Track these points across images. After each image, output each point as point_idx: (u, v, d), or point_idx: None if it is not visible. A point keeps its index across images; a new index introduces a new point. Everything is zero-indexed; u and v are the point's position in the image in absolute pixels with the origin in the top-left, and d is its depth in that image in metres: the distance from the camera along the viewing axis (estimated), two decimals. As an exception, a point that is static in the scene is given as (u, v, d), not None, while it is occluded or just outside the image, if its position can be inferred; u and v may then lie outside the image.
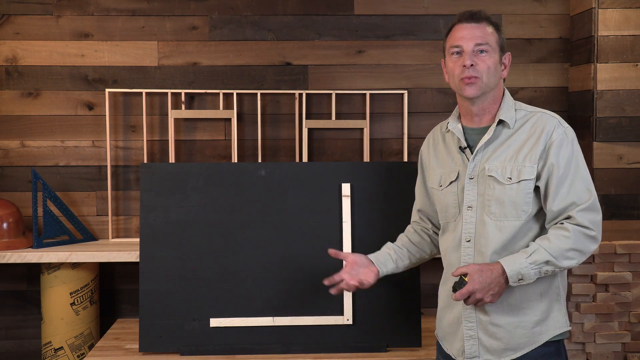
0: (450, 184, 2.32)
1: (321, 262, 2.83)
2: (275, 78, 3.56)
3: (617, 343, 3.09)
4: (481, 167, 2.25)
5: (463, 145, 2.30)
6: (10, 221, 3.32)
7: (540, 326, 2.21)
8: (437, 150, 2.41)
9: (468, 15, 2.24)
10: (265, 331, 2.89)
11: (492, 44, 2.22)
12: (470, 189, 2.26)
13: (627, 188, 3.35)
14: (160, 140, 3.56)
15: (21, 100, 3.52)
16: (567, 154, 2.19)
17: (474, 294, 2.13)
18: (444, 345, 2.38)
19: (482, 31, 2.22)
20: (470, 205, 2.26)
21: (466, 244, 2.26)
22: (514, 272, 2.12)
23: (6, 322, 3.62)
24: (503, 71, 2.27)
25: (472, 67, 2.20)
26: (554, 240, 2.13)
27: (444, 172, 2.36)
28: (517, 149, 2.22)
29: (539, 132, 2.21)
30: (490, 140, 2.25)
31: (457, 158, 2.32)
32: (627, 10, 3.31)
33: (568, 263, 2.15)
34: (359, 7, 3.57)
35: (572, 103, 3.55)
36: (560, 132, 2.20)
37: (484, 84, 2.21)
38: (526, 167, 2.19)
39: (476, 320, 2.26)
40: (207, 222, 2.91)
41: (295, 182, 2.94)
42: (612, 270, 3.10)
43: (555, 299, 2.24)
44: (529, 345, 2.21)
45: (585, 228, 2.15)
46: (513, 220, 2.20)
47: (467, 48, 2.21)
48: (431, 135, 2.48)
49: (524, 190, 2.19)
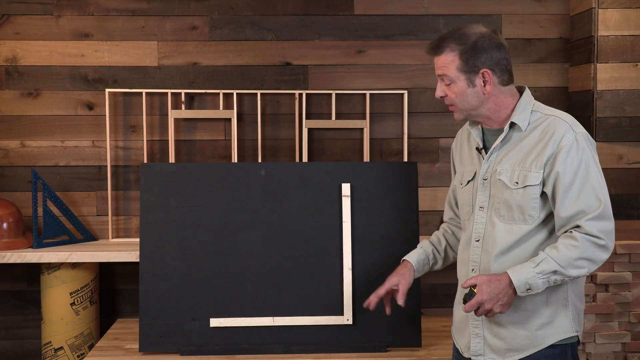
0: (468, 183, 2.34)
1: (321, 262, 2.83)
2: (275, 78, 3.57)
3: (617, 343, 3.09)
4: (494, 169, 2.25)
5: (479, 146, 2.31)
6: (10, 221, 3.32)
7: (544, 330, 2.21)
8: (462, 148, 2.44)
9: (429, 49, 2.27)
10: (265, 331, 2.89)
11: (451, 73, 2.21)
12: (482, 190, 2.28)
13: (627, 188, 3.35)
14: (160, 140, 3.56)
15: (21, 100, 3.52)
16: (576, 161, 2.15)
17: (483, 304, 2.12)
18: (455, 339, 2.40)
19: (442, 62, 2.23)
20: (482, 205, 2.27)
21: (475, 244, 2.28)
22: (521, 282, 2.11)
23: (6, 322, 3.62)
24: (485, 87, 2.22)
25: (444, 97, 2.26)
26: (562, 250, 2.11)
27: (465, 170, 2.38)
28: (526, 153, 2.21)
29: (549, 137, 2.18)
30: (504, 142, 2.25)
31: (475, 158, 2.34)
32: (627, 10, 3.31)
33: (577, 272, 2.12)
34: (359, 7, 3.57)
35: (572, 103, 3.55)
36: (570, 138, 2.16)
37: (463, 109, 2.25)
38: (532, 172, 2.18)
39: (482, 319, 2.27)
40: (207, 222, 2.91)
41: (295, 182, 2.94)
42: (612, 270, 3.10)
43: (562, 304, 2.22)
44: (532, 347, 2.21)
45: (595, 237, 2.12)
46: (521, 224, 2.20)
47: (438, 78, 2.27)
48: (460, 133, 2.50)
49: (529, 195, 2.18)
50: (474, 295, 2.13)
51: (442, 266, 2.59)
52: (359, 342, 2.90)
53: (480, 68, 2.22)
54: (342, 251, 2.89)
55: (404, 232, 2.92)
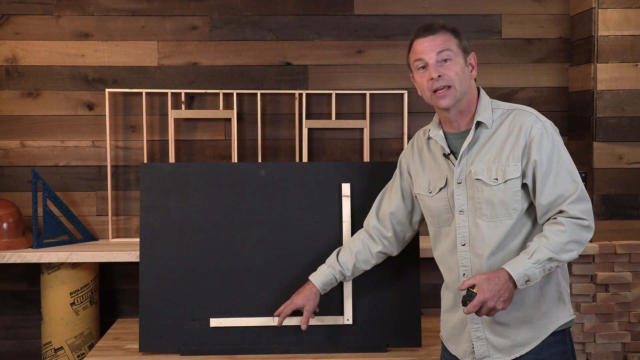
0: (440, 190, 2.34)
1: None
2: (275, 78, 3.57)
3: (617, 343, 3.09)
4: (467, 171, 2.26)
5: (447, 152, 2.31)
6: (10, 221, 3.32)
7: (545, 319, 2.23)
8: (422, 156, 2.43)
9: (424, 29, 2.26)
10: (265, 331, 2.89)
11: (453, 49, 2.23)
12: (459, 194, 2.28)
13: (627, 188, 3.35)
14: (160, 140, 3.56)
15: (21, 100, 3.52)
16: (549, 148, 2.19)
17: (486, 303, 2.12)
18: (448, 347, 2.39)
19: (441, 39, 2.23)
20: (461, 209, 2.28)
21: (462, 248, 2.28)
22: (520, 274, 2.12)
23: (6, 322, 3.62)
24: (472, 72, 2.28)
25: (440, 78, 2.21)
26: (551, 237, 2.14)
27: (432, 178, 2.37)
28: (498, 148, 2.23)
29: (518, 129, 2.21)
30: (472, 143, 2.27)
31: (443, 164, 2.34)
32: (627, 10, 3.31)
33: (569, 256, 2.16)
34: (359, 7, 3.57)
35: (572, 103, 3.55)
36: (539, 126, 2.21)
37: (457, 91, 2.22)
38: (510, 166, 2.20)
39: (481, 321, 2.27)
40: (207, 222, 2.91)
41: (295, 182, 2.94)
42: (612, 270, 3.10)
43: (556, 289, 2.25)
44: (536, 339, 2.23)
45: (579, 219, 2.16)
46: (505, 219, 2.22)
47: (431, 60, 2.22)
48: (414, 141, 2.50)
49: (511, 189, 2.20)
50: (474, 296, 2.12)
51: (350, 279, 2.74)
52: (359, 342, 2.90)
53: (470, 51, 2.27)
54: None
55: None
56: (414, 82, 2.33)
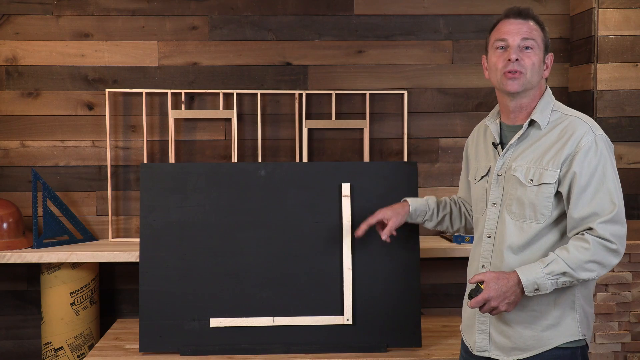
0: (482, 178, 2.33)
1: (321, 262, 2.83)
2: (275, 78, 3.57)
3: (617, 343, 3.09)
4: (508, 165, 2.25)
5: (496, 142, 2.30)
6: (10, 221, 3.32)
7: (550, 331, 2.20)
8: (478, 143, 2.43)
9: (516, 12, 2.23)
10: (265, 331, 2.89)
11: (537, 40, 2.21)
12: (496, 186, 2.27)
13: (627, 188, 3.34)
14: (160, 140, 3.56)
15: (21, 100, 3.52)
16: (594, 163, 2.14)
17: (489, 301, 2.11)
18: (464, 337, 2.40)
19: (528, 27, 2.20)
20: (494, 202, 2.27)
21: (486, 240, 2.27)
22: (530, 282, 2.10)
23: (6, 322, 3.62)
24: (545, 70, 2.26)
25: (516, 62, 2.18)
26: (573, 252, 2.09)
27: (479, 166, 2.37)
28: (543, 151, 2.19)
29: (568, 136, 2.17)
30: (521, 138, 2.24)
31: (491, 153, 2.33)
32: (627, 10, 3.31)
33: (587, 275, 2.11)
34: (359, 7, 3.57)
35: (572, 103, 3.55)
36: (589, 139, 2.15)
37: (527, 80, 2.19)
38: (548, 171, 2.16)
39: (488, 316, 2.27)
40: (207, 222, 2.91)
41: (295, 182, 2.94)
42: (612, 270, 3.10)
43: (570, 306, 2.20)
44: (537, 348, 2.20)
45: (606, 241, 2.10)
46: (532, 222, 2.19)
47: (513, 43, 2.19)
48: (477, 128, 2.50)
49: (543, 193, 2.17)
50: (481, 291, 2.12)
51: (433, 227, 2.65)
52: (358, 342, 2.90)
53: (549, 51, 2.27)
54: (342, 251, 2.89)
55: (404, 232, 2.91)
56: (483, 63, 2.32)
